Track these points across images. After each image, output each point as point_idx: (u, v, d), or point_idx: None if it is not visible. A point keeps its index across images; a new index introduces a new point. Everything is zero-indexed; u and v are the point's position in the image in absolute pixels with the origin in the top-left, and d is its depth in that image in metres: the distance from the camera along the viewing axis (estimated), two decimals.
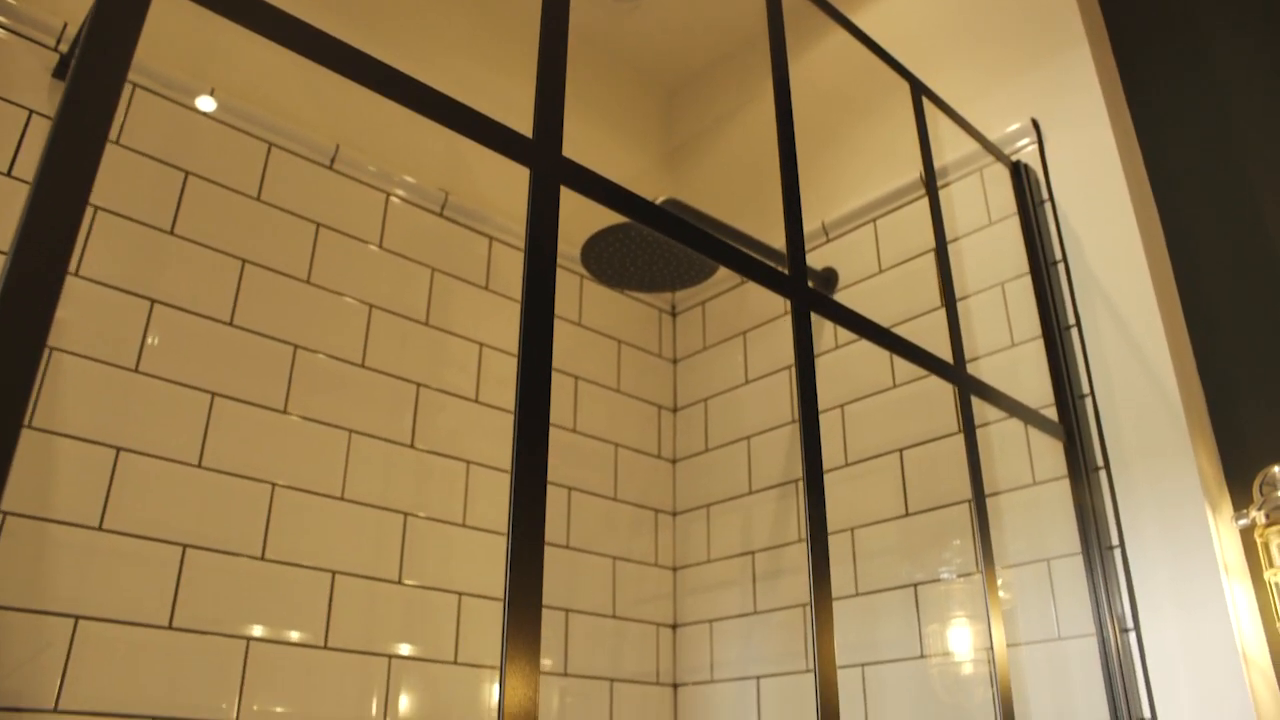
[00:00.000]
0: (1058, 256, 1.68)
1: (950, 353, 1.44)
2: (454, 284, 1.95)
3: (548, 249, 0.85)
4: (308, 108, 1.85)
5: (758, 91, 2.47)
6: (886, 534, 1.78)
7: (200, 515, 1.49)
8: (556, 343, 2.09)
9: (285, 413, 1.63)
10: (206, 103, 1.69)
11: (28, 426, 1.37)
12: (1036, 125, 1.79)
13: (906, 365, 1.81)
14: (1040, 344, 1.65)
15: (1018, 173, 1.76)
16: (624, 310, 2.28)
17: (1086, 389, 1.59)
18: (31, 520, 1.34)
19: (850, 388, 1.92)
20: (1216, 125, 1.72)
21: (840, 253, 2.04)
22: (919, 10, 2.10)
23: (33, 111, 1.49)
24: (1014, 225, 1.74)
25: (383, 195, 1.90)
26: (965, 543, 1.66)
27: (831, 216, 2.06)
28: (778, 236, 1.20)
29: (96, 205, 1.52)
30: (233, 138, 1.72)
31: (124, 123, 1.58)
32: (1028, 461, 1.62)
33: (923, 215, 1.86)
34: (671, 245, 1.78)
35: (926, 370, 1.36)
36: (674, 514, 2.19)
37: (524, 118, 0.94)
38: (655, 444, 2.22)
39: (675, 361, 2.35)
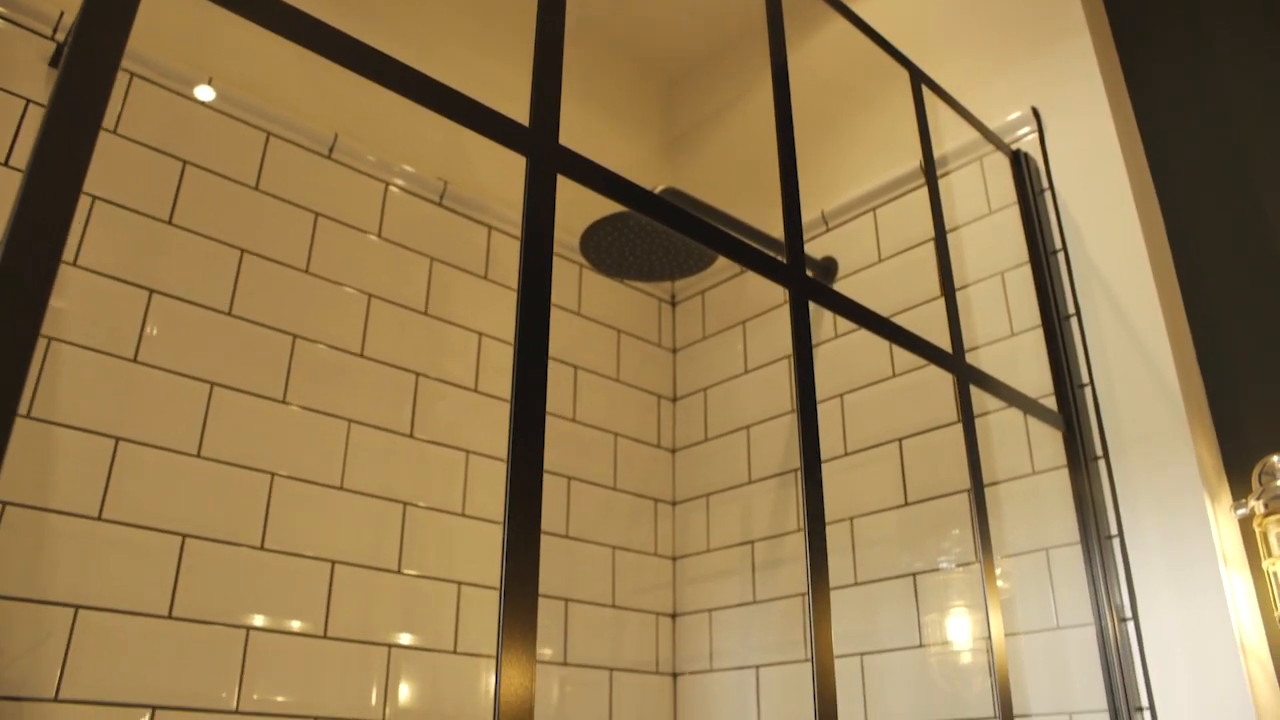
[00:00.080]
0: (1058, 245, 1.68)
1: (949, 342, 1.44)
2: (453, 273, 1.95)
3: (544, 238, 0.85)
4: (306, 97, 1.84)
5: (758, 80, 2.46)
6: (886, 523, 1.78)
7: (199, 505, 1.49)
8: (556, 332, 2.09)
9: (284, 402, 1.63)
10: (205, 92, 1.69)
11: (27, 416, 1.37)
12: (1037, 114, 1.78)
13: (906, 355, 1.81)
14: (1040, 333, 1.65)
15: (1018, 161, 1.75)
16: (623, 299, 2.28)
17: (1086, 378, 1.59)
18: (31, 510, 1.34)
19: (850, 377, 1.92)
20: (1217, 114, 1.71)
21: (840, 242, 2.04)
22: None
23: (29, 101, 1.49)
24: (1014, 214, 1.74)
25: (381, 184, 1.90)
26: (964, 532, 1.66)
27: (831, 205, 2.06)
28: (777, 225, 1.19)
29: (94, 195, 1.52)
30: (231, 127, 1.71)
31: (121, 112, 1.58)
32: (1027, 451, 1.62)
33: (923, 204, 1.86)
34: (670, 234, 1.77)
35: (925, 359, 1.36)
36: (673, 503, 2.19)
37: (522, 106, 0.93)
38: (655, 433, 2.22)
39: (675, 351, 2.35)
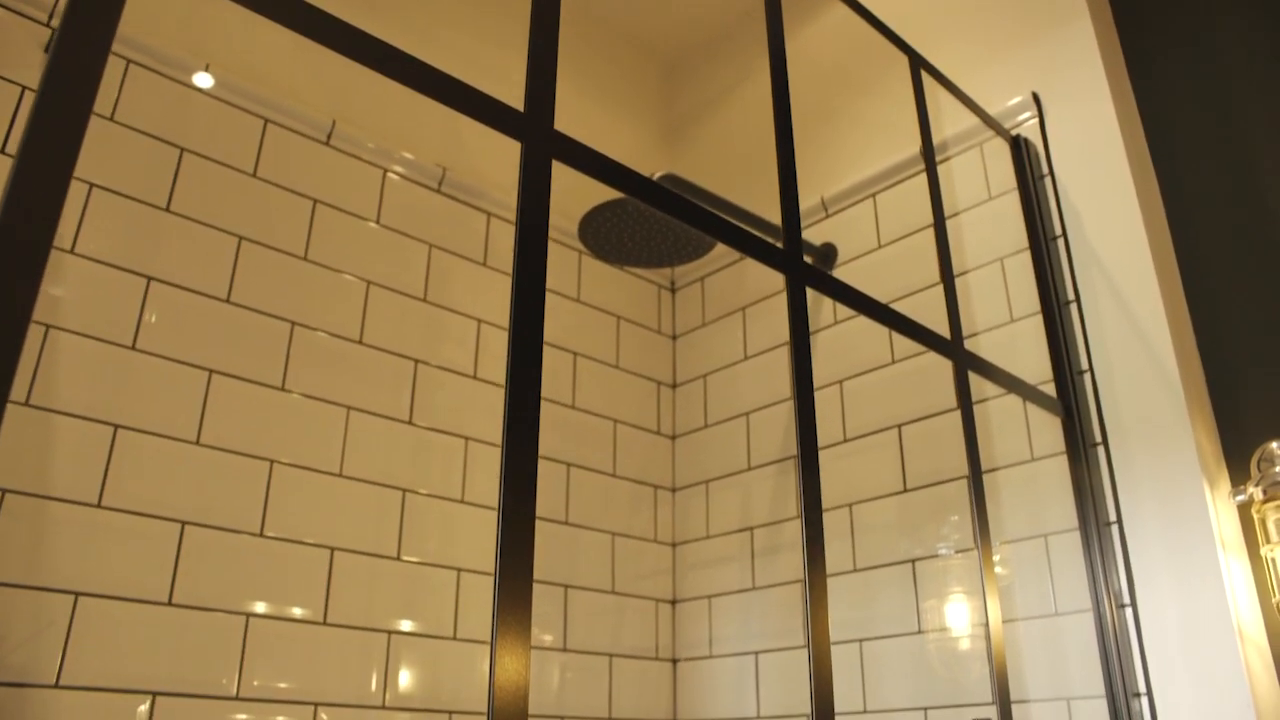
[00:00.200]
0: (1057, 232, 1.68)
1: (948, 328, 1.43)
2: (452, 260, 1.95)
3: (539, 223, 0.85)
4: (304, 84, 1.83)
5: (757, 66, 2.45)
6: (885, 510, 1.78)
7: (199, 492, 1.50)
8: (555, 319, 2.08)
9: (283, 390, 1.63)
10: (202, 79, 1.68)
11: (25, 404, 1.37)
12: (1037, 99, 1.77)
13: (906, 341, 1.80)
14: (1039, 319, 1.64)
15: (1018, 147, 1.75)
16: (623, 286, 2.27)
17: (1085, 365, 1.58)
18: (30, 498, 1.34)
19: (849, 363, 1.92)
20: (1218, 99, 1.71)
21: (840, 228, 2.03)
22: None
23: (25, 88, 1.48)
24: (1014, 200, 1.73)
25: (380, 171, 1.89)
26: (963, 518, 1.66)
27: (831, 192, 2.05)
28: (777, 212, 1.19)
29: (92, 182, 1.51)
30: (228, 114, 1.71)
31: (118, 99, 1.58)
32: (1026, 437, 1.62)
33: (923, 190, 1.85)
34: (669, 220, 1.77)
35: (923, 346, 1.36)
36: (673, 490, 2.20)
37: (520, 92, 0.93)
38: (654, 420, 2.22)
39: (674, 337, 2.34)
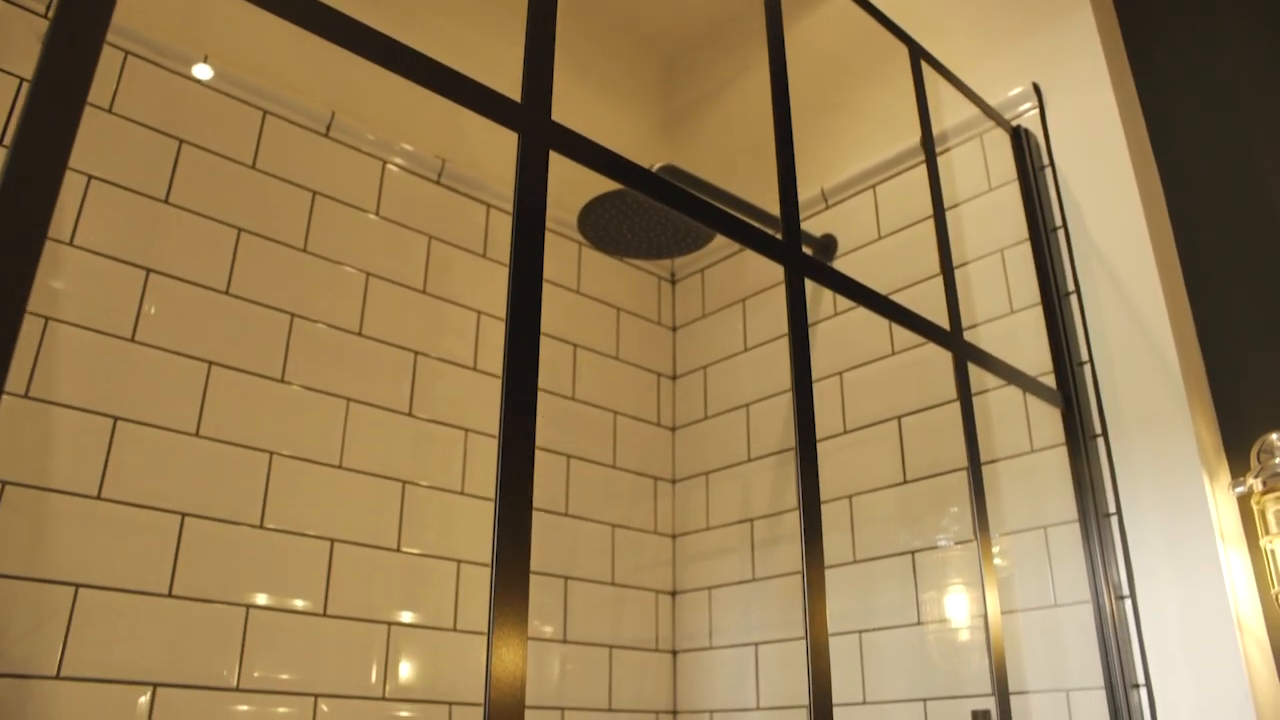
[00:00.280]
0: (1058, 222, 1.67)
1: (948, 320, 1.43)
2: (451, 252, 1.94)
3: (536, 214, 0.84)
4: (303, 75, 1.83)
5: (757, 57, 2.44)
6: (884, 501, 1.78)
7: (198, 484, 1.50)
8: (555, 310, 2.08)
9: (283, 381, 1.63)
10: (201, 71, 1.68)
11: (25, 396, 1.37)
12: (1038, 89, 1.76)
13: (906, 332, 1.80)
14: (1039, 311, 1.64)
15: (1018, 138, 1.74)
16: (623, 277, 2.27)
17: (1085, 356, 1.58)
18: (30, 490, 1.35)
19: (849, 355, 1.91)
20: (1219, 90, 1.70)
21: (840, 219, 2.03)
22: None
23: (23, 80, 1.48)
24: (1014, 191, 1.73)
25: (379, 163, 1.89)
26: (963, 510, 1.66)
27: (831, 183, 2.05)
28: (777, 203, 1.19)
29: (91, 174, 1.51)
30: (227, 105, 1.70)
31: (117, 91, 1.57)
32: (1026, 429, 1.62)
33: (923, 181, 1.84)
34: (669, 212, 1.77)
35: (923, 337, 1.36)
36: (673, 481, 2.20)
37: (518, 83, 0.92)
38: (654, 411, 2.22)
39: (674, 329, 2.34)
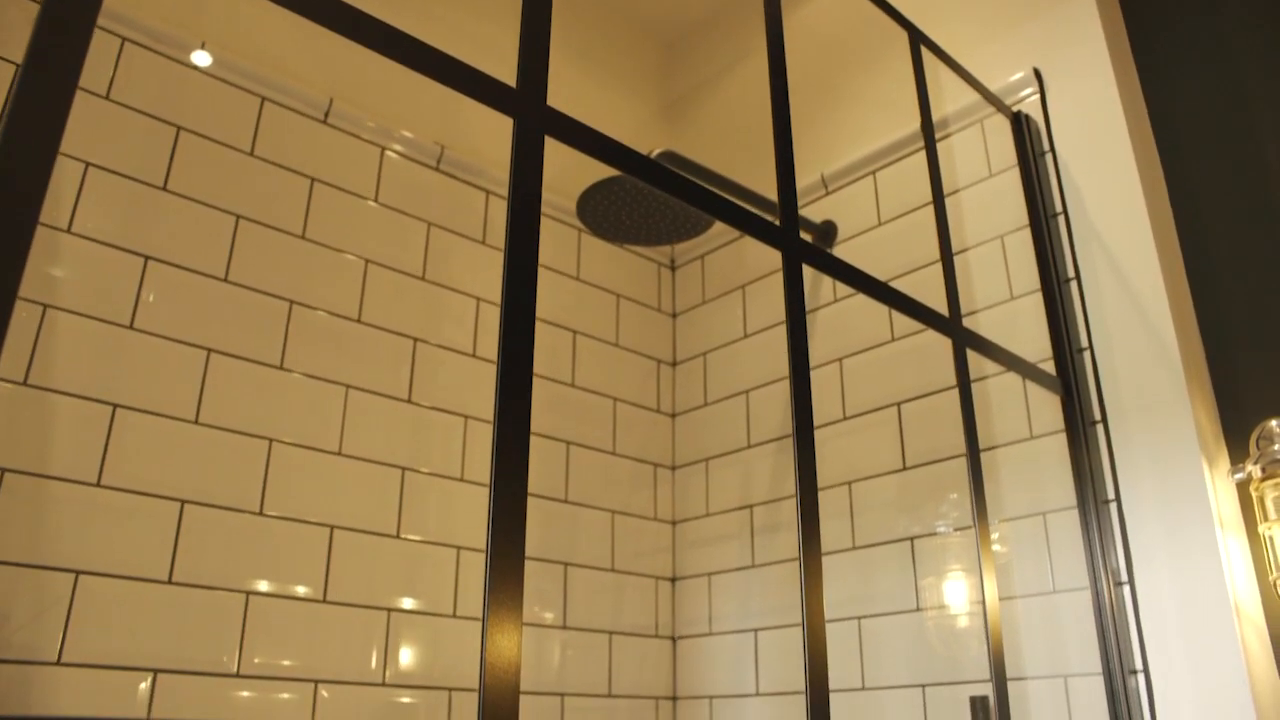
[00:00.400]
0: (1058, 209, 1.67)
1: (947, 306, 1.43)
2: (450, 238, 1.94)
3: (532, 200, 0.84)
4: (301, 62, 1.82)
5: (757, 42, 2.43)
6: (884, 488, 1.78)
7: (198, 471, 1.50)
8: (554, 297, 2.08)
9: (282, 368, 1.63)
10: (200, 57, 1.67)
11: (24, 384, 1.37)
12: (1038, 75, 1.76)
13: (905, 319, 1.80)
14: (1039, 297, 1.63)
15: (1018, 124, 1.73)
16: (622, 264, 2.27)
17: (1085, 343, 1.58)
18: (30, 477, 1.35)
19: (848, 341, 1.91)
20: (1221, 76, 1.69)
21: (840, 205, 2.02)
22: None
23: (18, 66, 1.47)
24: (1014, 177, 1.72)
25: (378, 149, 1.88)
26: (962, 496, 1.66)
27: (830, 169, 2.04)
28: (775, 189, 1.18)
29: (89, 161, 1.51)
30: (225, 92, 1.70)
31: (114, 77, 1.57)
32: (1025, 415, 1.62)
33: (923, 167, 1.84)
34: (668, 198, 1.76)
35: (923, 324, 1.35)
36: (673, 468, 2.20)
37: (515, 69, 0.92)
38: (654, 398, 2.22)
39: (674, 315, 2.34)
